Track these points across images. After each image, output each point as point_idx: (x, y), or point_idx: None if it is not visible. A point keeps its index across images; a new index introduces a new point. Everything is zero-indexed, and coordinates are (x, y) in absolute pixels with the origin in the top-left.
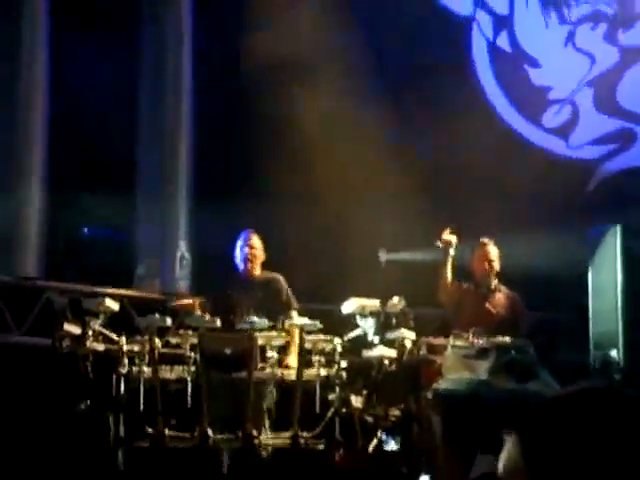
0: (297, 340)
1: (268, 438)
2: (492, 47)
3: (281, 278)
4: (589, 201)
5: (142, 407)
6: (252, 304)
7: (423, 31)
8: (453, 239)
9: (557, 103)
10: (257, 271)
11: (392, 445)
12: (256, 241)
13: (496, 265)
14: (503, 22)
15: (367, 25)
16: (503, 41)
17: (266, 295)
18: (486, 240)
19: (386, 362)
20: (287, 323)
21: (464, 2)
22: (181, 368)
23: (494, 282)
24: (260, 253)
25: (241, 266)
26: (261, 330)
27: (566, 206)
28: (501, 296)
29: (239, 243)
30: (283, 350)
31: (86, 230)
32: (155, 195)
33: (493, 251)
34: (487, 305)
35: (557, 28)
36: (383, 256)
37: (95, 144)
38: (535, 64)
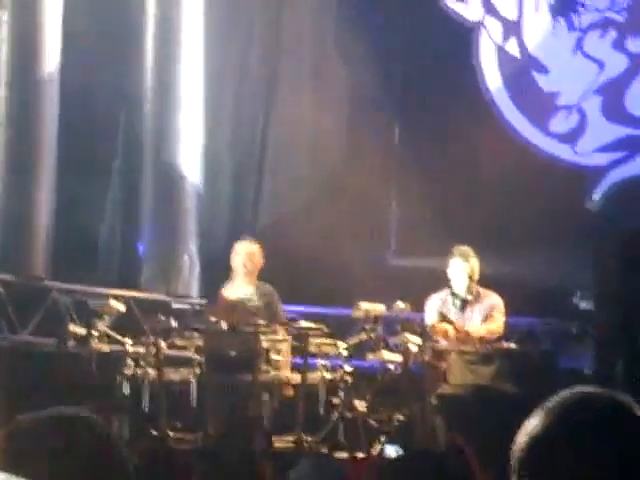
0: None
1: (272, 441)
2: (501, 52)
3: (275, 293)
4: (595, 208)
5: (146, 409)
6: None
7: (431, 36)
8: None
9: (565, 109)
10: (254, 280)
11: (393, 451)
12: (255, 250)
13: (472, 278)
14: (512, 28)
15: (372, 30)
16: (512, 47)
17: (265, 305)
18: (462, 250)
19: (391, 367)
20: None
21: (473, 7)
22: (186, 370)
23: (474, 291)
24: (258, 262)
25: (238, 275)
26: (265, 333)
27: (572, 212)
28: (480, 306)
29: (236, 251)
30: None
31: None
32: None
33: (475, 265)
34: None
35: (566, 34)
36: (391, 261)
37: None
38: (544, 70)
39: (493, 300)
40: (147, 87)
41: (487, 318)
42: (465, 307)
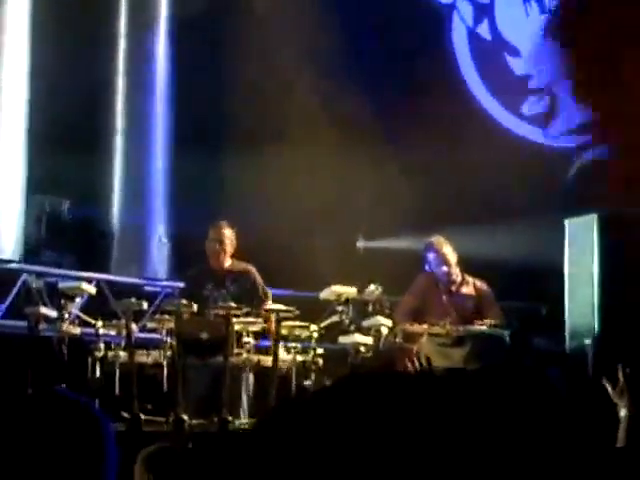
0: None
1: (244, 423)
2: (472, 35)
3: (253, 269)
4: (566, 190)
5: (118, 391)
6: (224, 298)
7: (403, 18)
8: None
9: (537, 92)
10: (227, 263)
11: None
12: (226, 233)
13: (453, 265)
14: (484, 10)
15: (345, 11)
16: (484, 29)
17: (239, 288)
18: (437, 242)
19: (362, 349)
20: (263, 309)
21: None
22: (157, 352)
23: (457, 277)
24: (230, 245)
25: (211, 259)
26: (238, 316)
27: (544, 195)
28: (466, 290)
29: (209, 235)
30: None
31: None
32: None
33: (447, 252)
34: (450, 302)
35: (537, 17)
36: (361, 243)
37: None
38: (515, 53)
39: (484, 291)
40: (119, 72)
41: (482, 309)
42: (450, 291)
